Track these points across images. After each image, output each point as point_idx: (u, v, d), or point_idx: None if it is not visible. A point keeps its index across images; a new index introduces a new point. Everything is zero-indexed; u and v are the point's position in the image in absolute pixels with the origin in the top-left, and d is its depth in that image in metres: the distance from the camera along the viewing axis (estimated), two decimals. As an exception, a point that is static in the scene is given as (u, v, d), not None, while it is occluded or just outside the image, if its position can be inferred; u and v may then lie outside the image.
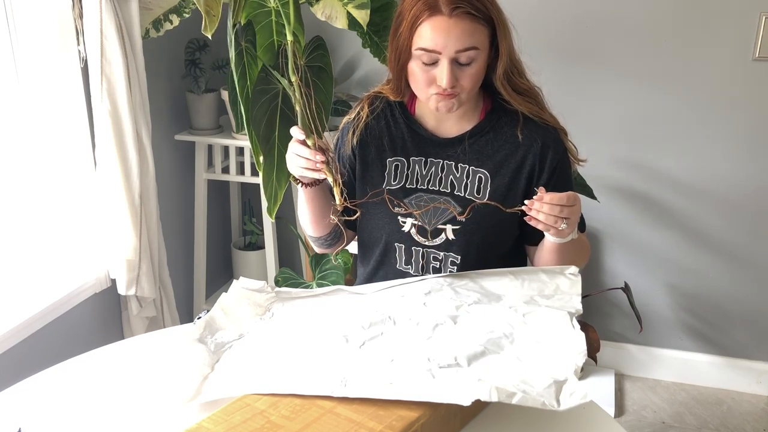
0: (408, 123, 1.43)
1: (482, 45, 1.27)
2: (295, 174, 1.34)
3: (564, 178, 1.41)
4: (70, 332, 2.01)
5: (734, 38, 2.20)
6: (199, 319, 1.21)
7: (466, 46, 1.24)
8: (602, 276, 2.55)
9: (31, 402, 1.12)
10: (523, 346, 1.09)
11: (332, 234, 1.50)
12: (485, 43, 1.28)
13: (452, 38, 1.23)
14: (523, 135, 1.37)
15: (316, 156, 1.26)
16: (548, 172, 1.38)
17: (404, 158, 1.42)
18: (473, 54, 1.26)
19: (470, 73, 1.28)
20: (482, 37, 1.27)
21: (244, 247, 2.77)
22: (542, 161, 1.37)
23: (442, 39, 1.24)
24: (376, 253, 1.46)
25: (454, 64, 1.26)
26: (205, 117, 2.42)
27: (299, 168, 1.30)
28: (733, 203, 2.36)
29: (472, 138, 1.39)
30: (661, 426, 2.35)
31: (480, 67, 1.29)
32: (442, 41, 1.24)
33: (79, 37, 1.91)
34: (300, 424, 0.94)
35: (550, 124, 1.40)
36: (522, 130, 1.38)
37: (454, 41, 1.24)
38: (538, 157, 1.37)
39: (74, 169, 2.01)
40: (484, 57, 1.29)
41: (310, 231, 1.50)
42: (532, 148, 1.37)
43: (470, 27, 1.24)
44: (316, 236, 1.51)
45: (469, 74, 1.28)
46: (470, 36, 1.24)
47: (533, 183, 1.38)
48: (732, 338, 2.50)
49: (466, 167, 1.39)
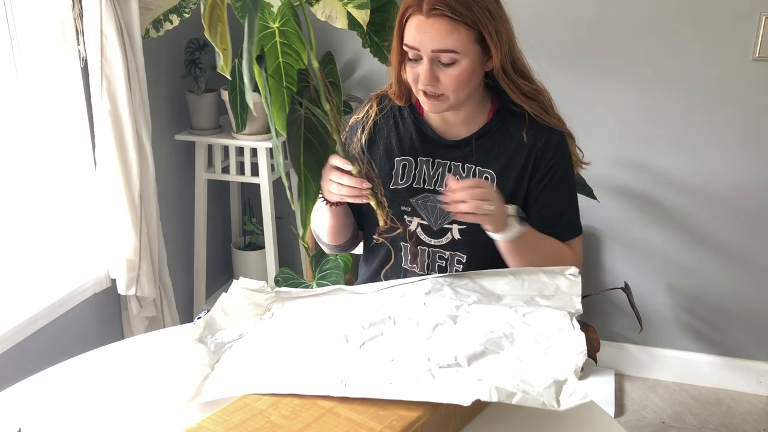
0: (417, 123, 1.43)
1: (463, 48, 1.26)
2: (334, 199, 1.32)
3: (560, 181, 1.40)
4: (70, 332, 2.01)
5: (734, 38, 2.20)
6: (199, 319, 1.21)
7: (441, 47, 1.25)
8: (602, 276, 2.55)
9: (31, 402, 1.12)
10: (523, 346, 1.09)
11: (350, 241, 1.52)
12: (468, 46, 1.27)
13: (428, 36, 1.25)
14: (528, 136, 1.38)
15: (362, 184, 1.25)
16: (543, 171, 1.38)
17: (412, 158, 1.42)
18: (453, 56, 1.26)
19: (451, 74, 1.28)
20: (464, 40, 1.26)
21: (244, 247, 2.77)
22: (540, 160, 1.38)
23: (419, 36, 1.26)
24: (382, 252, 1.47)
25: (435, 63, 1.27)
26: (205, 117, 2.42)
27: (341, 196, 1.28)
28: (733, 203, 2.36)
29: (479, 139, 1.40)
30: (661, 426, 2.35)
31: (463, 71, 1.28)
32: (419, 39, 1.26)
33: (79, 37, 1.91)
34: (300, 424, 0.94)
35: (556, 127, 1.40)
36: (528, 131, 1.38)
37: (429, 39, 1.25)
38: (539, 155, 1.38)
39: (74, 169, 2.01)
40: (470, 61, 1.28)
41: (327, 240, 1.50)
42: (535, 148, 1.38)
43: (447, 29, 1.24)
44: (333, 245, 1.51)
45: (450, 75, 1.28)
46: (446, 38, 1.25)
47: (532, 179, 1.39)
48: (732, 338, 2.50)
49: (473, 167, 1.39)
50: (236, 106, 2.25)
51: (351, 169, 1.25)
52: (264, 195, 2.44)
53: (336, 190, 1.27)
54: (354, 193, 1.26)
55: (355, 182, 1.25)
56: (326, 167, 1.29)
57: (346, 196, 1.27)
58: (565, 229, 1.42)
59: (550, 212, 1.40)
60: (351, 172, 1.25)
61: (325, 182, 1.29)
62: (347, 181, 1.25)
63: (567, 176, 1.42)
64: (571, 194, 1.45)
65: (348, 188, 1.26)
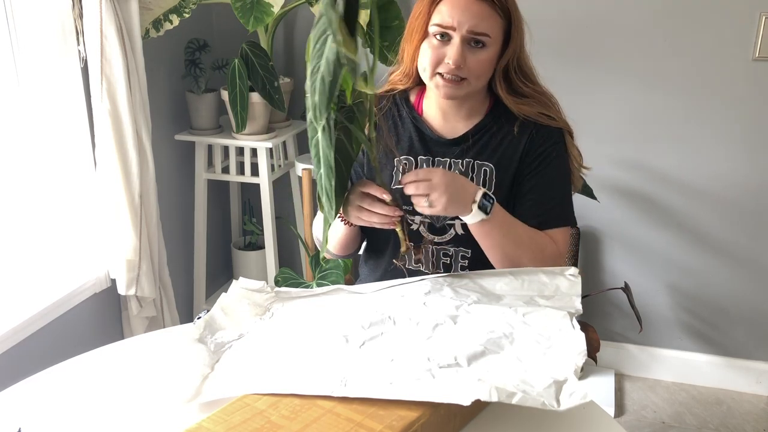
0: (415, 123, 1.44)
1: (494, 35, 1.30)
2: (359, 224, 1.30)
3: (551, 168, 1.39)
4: (70, 332, 2.01)
5: (734, 38, 2.20)
6: (199, 319, 1.21)
7: (479, 29, 1.28)
8: (602, 276, 2.55)
9: (31, 402, 1.12)
10: (523, 346, 1.09)
11: (356, 250, 1.53)
12: (498, 34, 1.31)
13: (467, 15, 1.27)
14: (523, 128, 1.39)
15: (395, 212, 1.24)
16: (532, 156, 1.38)
17: (412, 157, 1.43)
18: (485, 40, 1.29)
19: (479, 58, 1.30)
20: (496, 28, 1.30)
21: (244, 247, 2.77)
22: (532, 143, 1.38)
23: (458, 15, 1.28)
24: (386, 253, 1.48)
25: (465, 44, 1.29)
26: (205, 117, 2.42)
27: (370, 222, 1.26)
28: (733, 203, 2.36)
29: (476, 134, 1.41)
30: (661, 426, 2.35)
31: (489, 57, 1.31)
32: (458, 17, 1.28)
33: (79, 37, 1.91)
34: (300, 424, 0.94)
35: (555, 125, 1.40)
36: (522, 123, 1.39)
37: (468, 18, 1.27)
38: (530, 139, 1.38)
39: (74, 169, 2.01)
40: (495, 49, 1.32)
41: (335, 251, 1.50)
42: (527, 134, 1.39)
43: (487, 12, 1.28)
44: (339, 254, 1.52)
45: (478, 59, 1.30)
46: (485, 20, 1.28)
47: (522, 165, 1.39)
48: (732, 338, 2.50)
49: (471, 161, 1.40)
50: (236, 106, 2.25)
51: (387, 198, 1.24)
52: (264, 195, 2.44)
53: (366, 216, 1.25)
54: (384, 221, 1.25)
55: (388, 211, 1.24)
56: (354, 192, 1.26)
57: (375, 223, 1.26)
58: (551, 216, 1.39)
59: (536, 197, 1.39)
60: (385, 200, 1.24)
61: (353, 207, 1.26)
62: (380, 209, 1.24)
63: (560, 167, 1.41)
64: (563, 186, 1.42)
65: (379, 216, 1.25)
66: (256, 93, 2.28)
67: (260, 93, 2.27)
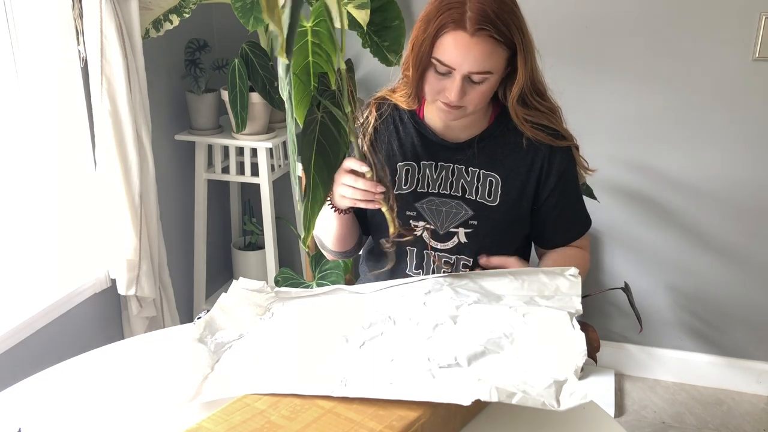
0: (417, 127, 1.43)
1: (497, 69, 1.27)
2: (345, 205, 1.31)
3: (571, 188, 1.43)
4: (70, 332, 2.01)
5: (734, 38, 2.20)
6: (199, 319, 1.21)
7: (481, 69, 1.24)
8: (602, 276, 2.55)
9: (31, 402, 1.12)
10: (523, 346, 1.09)
11: (355, 248, 1.52)
12: (501, 66, 1.27)
13: (470, 58, 1.23)
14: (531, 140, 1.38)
15: (376, 188, 1.24)
16: (556, 176, 1.39)
17: (414, 162, 1.42)
18: (487, 76, 1.26)
19: (480, 90, 1.28)
20: (499, 61, 1.26)
21: (244, 247, 2.77)
22: (551, 164, 1.39)
23: (460, 57, 1.23)
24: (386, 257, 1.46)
25: (465, 80, 1.26)
26: (205, 117, 2.42)
27: (354, 200, 1.27)
28: (733, 203, 2.36)
29: (481, 142, 1.40)
30: (661, 426, 2.35)
31: (491, 87, 1.29)
32: (459, 59, 1.23)
33: (79, 37, 1.91)
34: (300, 424, 0.94)
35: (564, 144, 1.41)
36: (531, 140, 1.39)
37: (470, 62, 1.23)
38: (547, 160, 1.38)
39: (74, 169, 2.01)
40: (498, 77, 1.29)
41: (332, 247, 1.49)
42: (541, 151, 1.38)
43: (490, 50, 1.23)
44: (338, 251, 1.51)
45: (479, 92, 1.28)
46: (488, 59, 1.24)
47: (540, 185, 1.40)
48: (732, 338, 2.50)
49: (477, 171, 1.39)
50: (236, 106, 2.25)
51: (365, 171, 1.24)
52: (264, 195, 2.44)
53: (350, 194, 1.26)
54: (367, 197, 1.25)
55: (368, 186, 1.24)
56: (339, 171, 1.27)
57: (359, 201, 1.26)
58: (578, 230, 1.49)
59: (564, 219, 1.46)
60: (365, 175, 1.25)
61: (338, 186, 1.28)
62: (361, 185, 1.24)
63: (577, 183, 1.46)
64: (580, 199, 1.49)
65: (361, 192, 1.25)
66: (256, 93, 2.28)
67: (260, 93, 2.27)
